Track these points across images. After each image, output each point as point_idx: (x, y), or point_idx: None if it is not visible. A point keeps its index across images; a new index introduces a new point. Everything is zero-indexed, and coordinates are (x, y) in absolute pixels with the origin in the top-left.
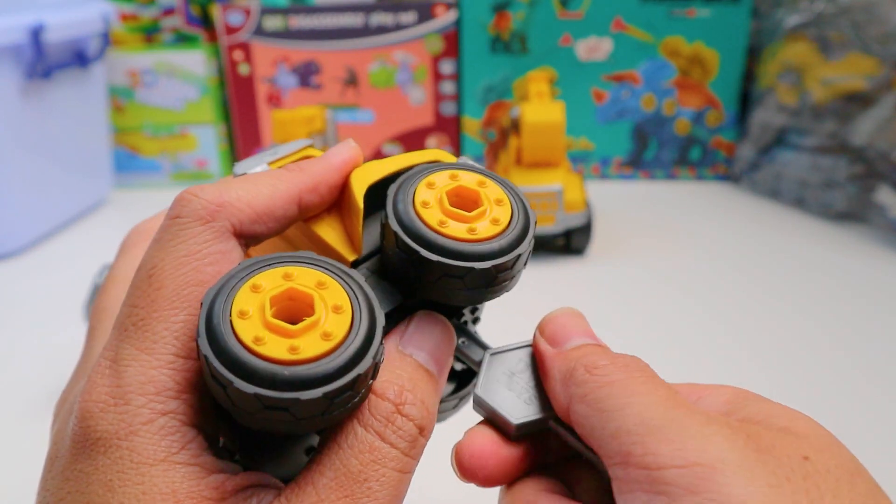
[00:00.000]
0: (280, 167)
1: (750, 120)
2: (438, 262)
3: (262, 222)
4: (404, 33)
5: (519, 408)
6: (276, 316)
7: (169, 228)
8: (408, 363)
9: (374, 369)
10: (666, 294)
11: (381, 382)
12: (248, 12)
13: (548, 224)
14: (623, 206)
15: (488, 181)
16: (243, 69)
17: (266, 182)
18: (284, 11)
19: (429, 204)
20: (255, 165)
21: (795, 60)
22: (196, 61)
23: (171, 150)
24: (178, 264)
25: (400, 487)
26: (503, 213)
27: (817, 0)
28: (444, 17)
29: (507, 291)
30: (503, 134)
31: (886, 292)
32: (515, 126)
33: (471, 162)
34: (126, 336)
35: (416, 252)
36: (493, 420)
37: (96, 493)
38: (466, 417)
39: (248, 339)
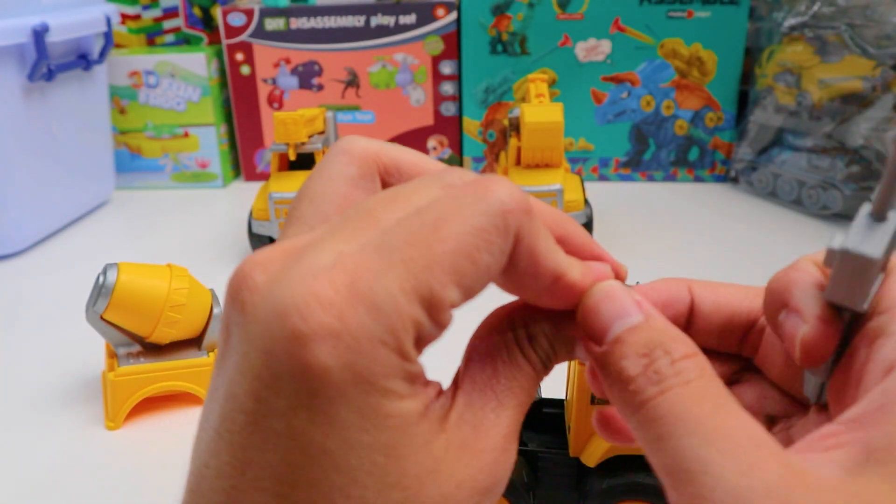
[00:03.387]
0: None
1: (748, 121)
2: None
3: (404, 178)
4: (405, 34)
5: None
6: None
7: (325, 161)
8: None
9: None
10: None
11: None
12: (249, 14)
13: None
14: (622, 206)
15: None
16: (244, 70)
17: (410, 150)
18: (285, 13)
19: None
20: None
21: (793, 62)
22: (197, 62)
23: (172, 151)
24: (329, 188)
25: None
26: None
27: (815, 2)
28: (445, 19)
29: None
30: (503, 134)
31: None
32: (515, 127)
33: None
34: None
35: None
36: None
37: (346, 419)
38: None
39: None
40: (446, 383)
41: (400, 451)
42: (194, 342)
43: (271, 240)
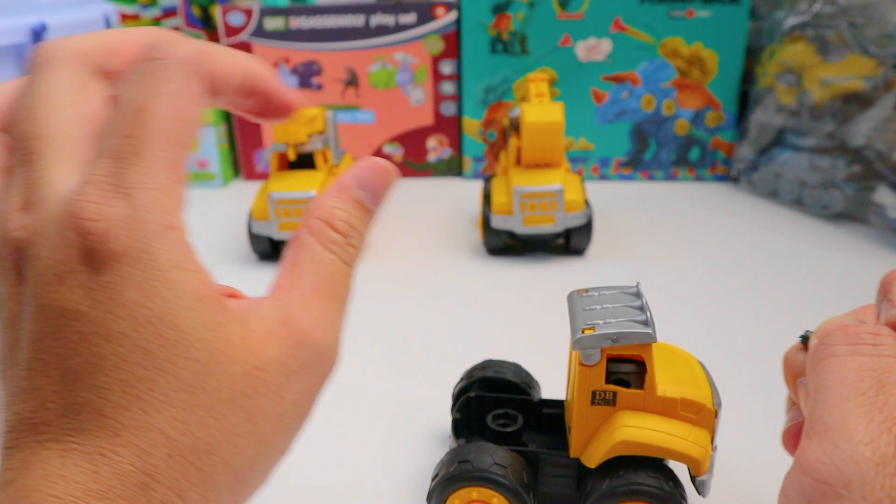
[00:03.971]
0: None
1: (749, 120)
2: None
3: (222, 82)
4: (404, 34)
5: None
6: None
7: (149, 65)
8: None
9: None
10: (665, 294)
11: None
12: (248, 13)
13: (548, 224)
14: (622, 206)
15: None
16: None
17: (234, 53)
18: (285, 12)
19: None
20: None
21: (794, 61)
22: None
23: None
24: (164, 100)
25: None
26: None
27: (816, 1)
28: (445, 18)
29: None
30: (503, 134)
31: None
32: (515, 126)
33: None
34: (125, 164)
35: None
36: None
37: (131, 298)
38: None
39: None
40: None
41: (179, 323)
42: None
43: (270, 239)
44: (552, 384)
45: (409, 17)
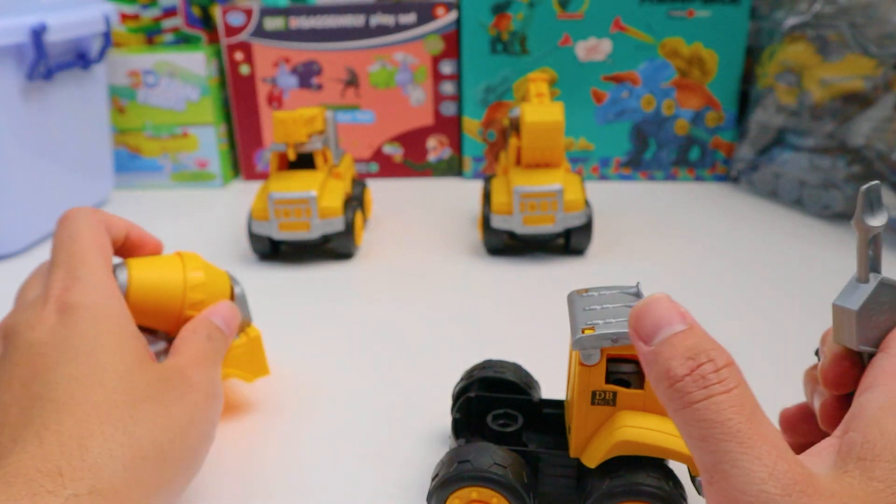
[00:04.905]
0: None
1: (749, 120)
2: None
3: (112, 230)
4: (404, 34)
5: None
6: None
7: (73, 217)
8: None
9: None
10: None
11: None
12: (248, 13)
13: (548, 224)
14: (622, 206)
15: None
16: (244, 70)
17: (116, 217)
18: (285, 12)
19: None
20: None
21: (794, 61)
22: (197, 62)
23: (172, 151)
24: (87, 229)
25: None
26: None
27: (816, 1)
28: (445, 18)
29: None
30: (503, 134)
31: None
32: (515, 126)
33: None
34: (74, 266)
35: None
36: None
37: (86, 332)
38: None
39: None
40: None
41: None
42: None
43: (270, 239)
44: (552, 384)
45: (409, 17)
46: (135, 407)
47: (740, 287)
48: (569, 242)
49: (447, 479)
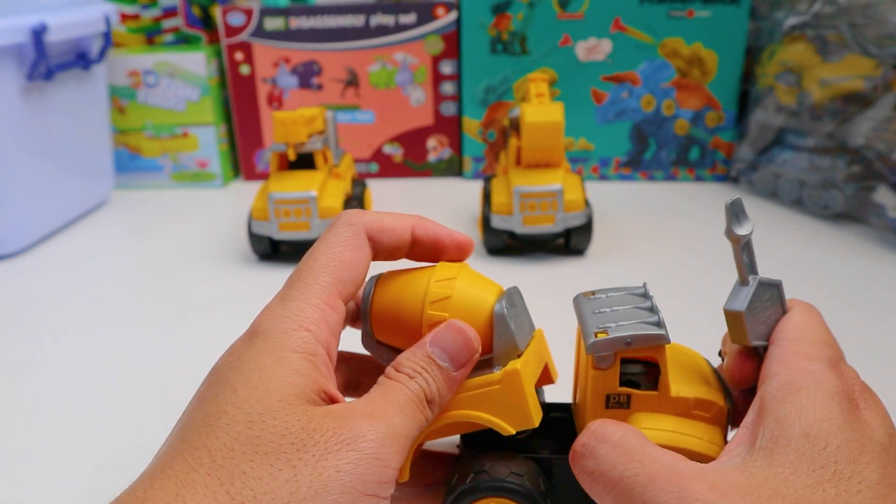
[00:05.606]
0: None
1: (748, 120)
2: None
3: (386, 234)
4: (404, 34)
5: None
6: None
7: (330, 225)
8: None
9: None
10: (665, 294)
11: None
12: (248, 13)
13: (547, 224)
14: (622, 206)
15: None
16: (244, 70)
17: (391, 214)
18: (285, 12)
19: None
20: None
21: (794, 61)
22: (197, 62)
23: (172, 151)
24: (326, 247)
25: (410, 408)
26: None
27: (816, 1)
28: (444, 18)
29: None
30: (503, 134)
31: (885, 292)
32: (515, 126)
33: None
34: (291, 286)
35: None
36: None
37: (246, 364)
38: None
39: None
40: None
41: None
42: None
43: (270, 240)
44: (556, 387)
45: (409, 18)
46: (252, 461)
47: None
48: (569, 242)
49: (464, 492)
